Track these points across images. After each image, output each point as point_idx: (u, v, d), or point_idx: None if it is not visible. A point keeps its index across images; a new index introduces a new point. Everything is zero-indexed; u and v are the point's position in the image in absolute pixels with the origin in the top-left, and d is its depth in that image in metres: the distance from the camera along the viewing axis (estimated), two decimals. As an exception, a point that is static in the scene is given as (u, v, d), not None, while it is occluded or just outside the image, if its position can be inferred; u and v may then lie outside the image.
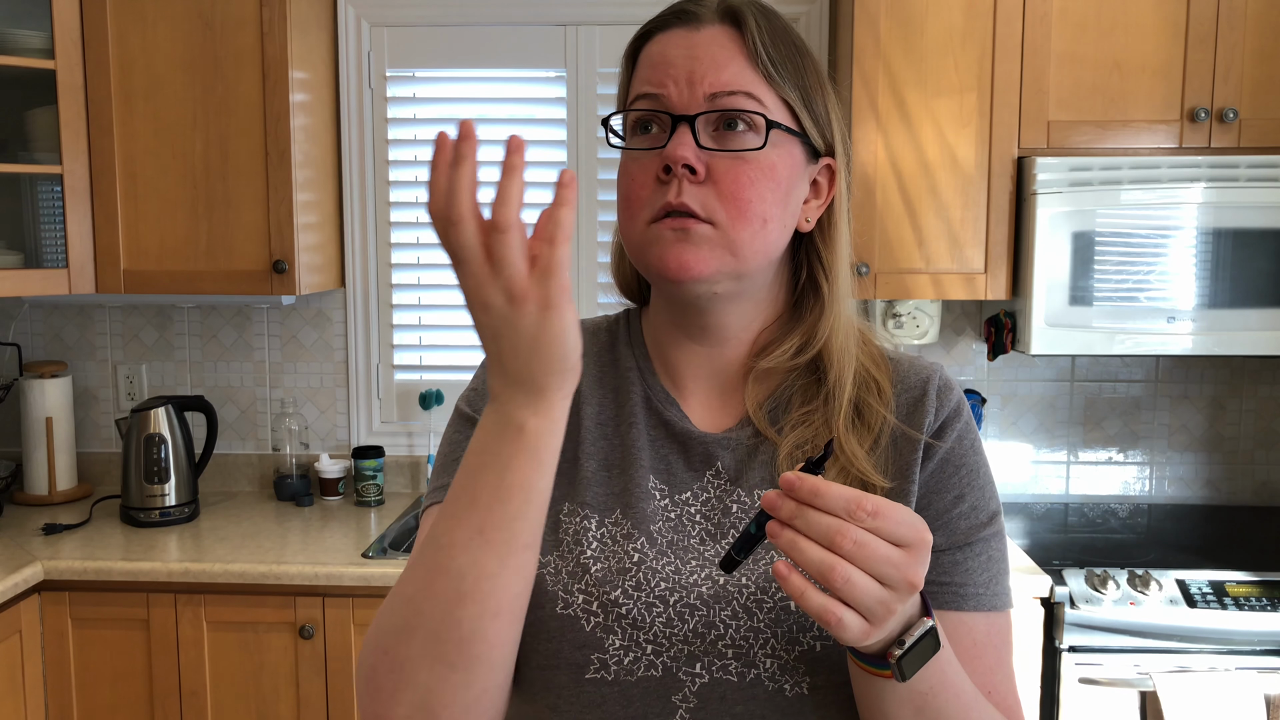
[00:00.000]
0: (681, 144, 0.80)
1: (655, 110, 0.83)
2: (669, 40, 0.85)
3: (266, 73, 2.30)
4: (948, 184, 2.26)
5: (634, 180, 0.83)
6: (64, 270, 2.31)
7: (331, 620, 2.09)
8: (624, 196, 0.84)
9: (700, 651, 0.80)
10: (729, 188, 0.80)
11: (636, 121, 0.85)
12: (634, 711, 0.80)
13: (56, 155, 2.28)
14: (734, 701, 0.79)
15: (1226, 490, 2.65)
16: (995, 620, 0.86)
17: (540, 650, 0.80)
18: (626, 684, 0.80)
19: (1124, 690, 1.98)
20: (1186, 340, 2.18)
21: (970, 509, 0.88)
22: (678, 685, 0.80)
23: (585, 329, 0.95)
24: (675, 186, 0.80)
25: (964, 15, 2.23)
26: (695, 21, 0.84)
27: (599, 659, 0.80)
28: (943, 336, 2.63)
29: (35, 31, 2.26)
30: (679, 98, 0.82)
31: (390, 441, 2.72)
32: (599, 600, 0.80)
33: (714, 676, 0.80)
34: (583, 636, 0.80)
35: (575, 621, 0.80)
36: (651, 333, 0.93)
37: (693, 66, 0.82)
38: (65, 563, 2.10)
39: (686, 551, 0.83)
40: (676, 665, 0.80)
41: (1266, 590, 2.01)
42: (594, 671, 0.80)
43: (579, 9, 2.59)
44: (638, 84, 0.86)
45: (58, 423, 2.56)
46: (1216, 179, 2.15)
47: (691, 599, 0.81)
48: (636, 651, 0.80)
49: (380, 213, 2.67)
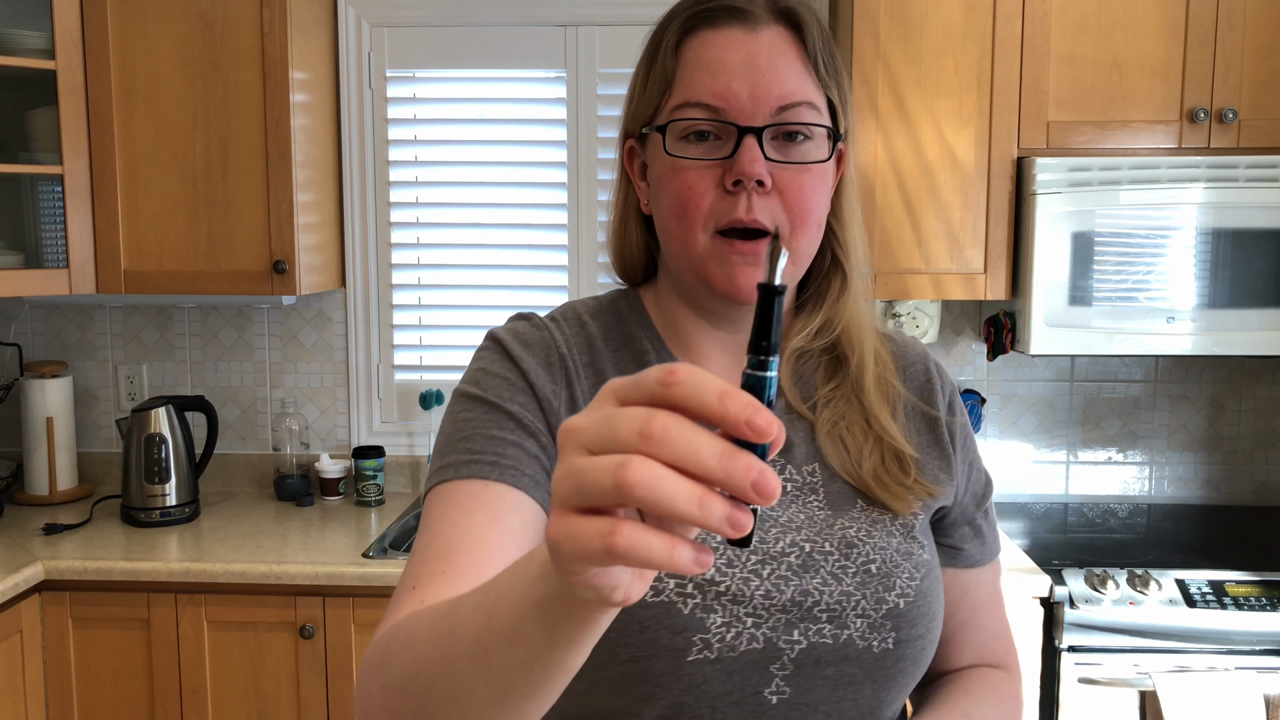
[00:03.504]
0: (755, 159, 0.80)
1: (720, 121, 0.81)
2: (726, 42, 0.82)
3: (267, 73, 2.30)
4: (947, 184, 2.26)
5: (693, 189, 0.82)
6: (64, 270, 2.31)
7: (332, 620, 2.09)
8: (679, 204, 0.82)
9: (797, 619, 0.81)
10: (794, 198, 0.82)
11: (692, 128, 0.82)
12: (733, 684, 0.80)
13: (57, 155, 2.28)
14: (827, 663, 0.82)
15: (1226, 490, 2.65)
16: (998, 565, 1.03)
17: (631, 643, 0.79)
18: (728, 660, 0.80)
19: (1123, 690, 1.98)
20: (1186, 340, 2.18)
21: (980, 474, 0.98)
22: (777, 654, 0.81)
23: (583, 313, 0.94)
24: (745, 202, 0.80)
25: (963, 15, 2.23)
26: (752, 21, 0.82)
27: (701, 639, 0.80)
28: (942, 336, 2.63)
29: (36, 32, 2.26)
30: (744, 108, 0.81)
31: (390, 441, 2.72)
32: (693, 581, 0.80)
33: (810, 641, 0.81)
34: (681, 620, 0.79)
35: (671, 606, 0.79)
36: (661, 314, 0.93)
37: (756, 77, 0.81)
38: (66, 563, 2.10)
39: (764, 521, 0.85)
40: (776, 634, 0.81)
41: (1266, 590, 2.01)
42: (696, 652, 0.80)
43: (579, 9, 2.59)
44: (691, 87, 0.82)
45: (58, 423, 2.56)
46: (1216, 179, 2.15)
47: (783, 569, 0.82)
48: (738, 626, 0.80)
49: (380, 213, 2.67)
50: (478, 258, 2.68)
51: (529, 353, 0.87)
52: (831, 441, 0.88)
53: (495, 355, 0.88)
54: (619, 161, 0.93)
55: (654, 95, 0.85)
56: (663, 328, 0.92)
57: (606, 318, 0.93)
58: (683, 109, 0.82)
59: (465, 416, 0.85)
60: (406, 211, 2.67)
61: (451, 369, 2.71)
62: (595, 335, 0.91)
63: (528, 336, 0.89)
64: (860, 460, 0.88)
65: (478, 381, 0.87)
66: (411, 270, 2.69)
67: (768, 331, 0.47)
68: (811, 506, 0.87)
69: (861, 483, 0.88)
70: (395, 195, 2.67)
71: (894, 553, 0.86)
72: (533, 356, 0.86)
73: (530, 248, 2.68)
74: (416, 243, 2.69)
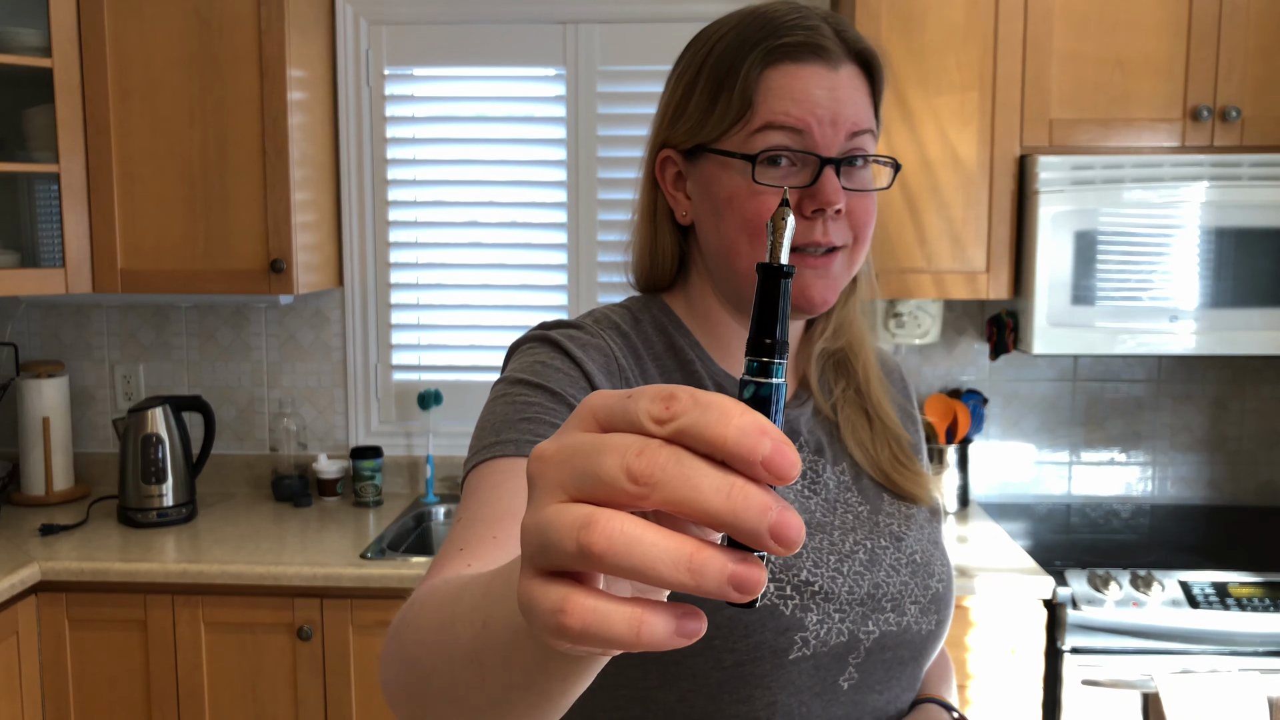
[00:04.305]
0: (836, 189, 0.86)
1: (802, 152, 0.87)
2: (809, 76, 0.87)
3: (264, 71, 2.29)
4: (949, 183, 2.25)
5: (769, 210, 0.87)
6: (61, 270, 2.30)
7: (330, 621, 2.08)
8: (756, 222, 0.87)
9: (871, 610, 0.90)
10: (859, 219, 0.90)
11: (777, 153, 0.88)
12: (819, 676, 0.87)
13: (53, 154, 2.27)
14: (889, 649, 0.91)
15: (1229, 490, 2.64)
16: None
17: (737, 649, 0.82)
18: (821, 655, 0.87)
19: (1126, 692, 1.97)
20: (1189, 340, 2.17)
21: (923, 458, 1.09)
22: (856, 644, 0.89)
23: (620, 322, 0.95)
24: (822, 225, 0.87)
25: (965, 13, 2.22)
26: (833, 60, 0.88)
27: (801, 638, 0.86)
28: (944, 336, 2.62)
29: (32, 30, 2.25)
30: (823, 139, 0.87)
31: (388, 442, 2.71)
32: (790, 584, 0.86)
33: (881, 630, 0.90)
34: (784, 621, 0.85)
35: (774, 610, 0.85)
36: (698, 321, 0.97)
37: (837, 110, 0.87)
38: (62, 563, 2.09)
39: (826, 525, 0.92)
40: (856, 627, 0.89)
41: (1269, 591, 2.00)
42: (797, 651, 0.86)
43: (579, 7, 2.58)
44: (772, 112, 0.87)
45: (54, 423, 2.54)
46: (1219, 178, 2.14)
47: (856, 565, 0.90)
48: (829, 623, 0.87)
49: (378, 212, 2.66)
50: (477, 257, 2.66)
51: (588, 355, 0.88)
52: (854, 440, 0.97)
53: (553, 352, 0.87)
54: (648, 170, 0.96)
55: (726, 118, 0.89)
56: (701, 335, 0.96)
57: (644, 326, 0.96)
58: (765, 132, 0.87)
59: (526, 400, 0.82)
60: (404, 210, 2.66)
61: (450, 369, 2.70)
62: (638, 345, 0.94)
63: (584, 341, 0.89)
64: (878, 455, 0.97)
65: (536, 371, 0.85)
66: (410, 270, 2.68)
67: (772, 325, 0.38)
68: (853, 504, 0.95)
69: (884, 476, 0.97)
70: (393, 194, 2.65)
71: (927, 542, 0.97)
72: (592, 361, 0.88)
73: (529, 247, 2.66)
74: (415, 242, 2.68)
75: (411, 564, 2.10)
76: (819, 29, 0.88)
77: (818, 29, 0.88)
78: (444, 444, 2.68)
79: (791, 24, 0.88)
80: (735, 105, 0.88)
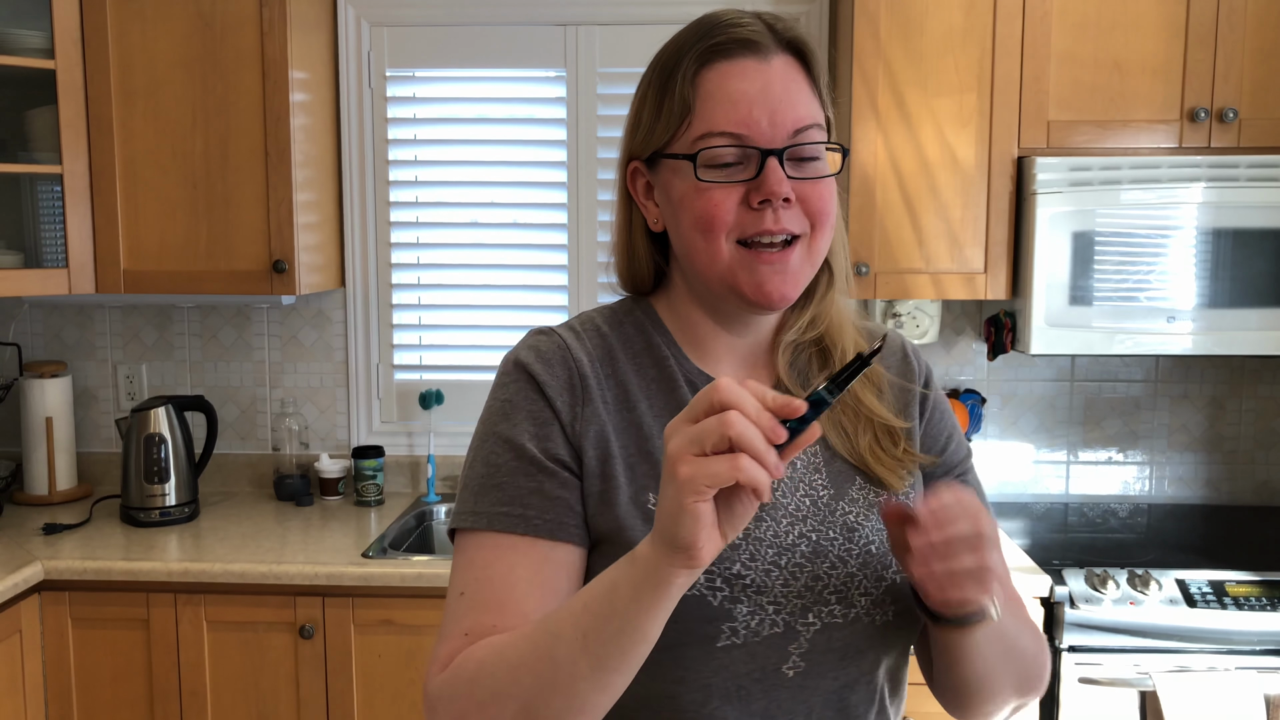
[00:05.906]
0: (780, 179, 0.88)
1: (744, 147, 0.88)
2: (741, 72, 0.89)
3: (266, 72, 2.30)
4: (948, 184, 2.26)
5: (718, 206, 0.89)
6: (64, 270, 2.31)
7: (331, 620, 2.09)
8: (704, 221, 0.90)
9: (811, 602, 0.91)
10: (814, 205, 0.90)
11: (719, 158, 0.89)
12: (755, 664, 0.90)
13: (56, 155, 2.28)
14: (837, 639, 0.92)
15: (1226, 490, 2.65)
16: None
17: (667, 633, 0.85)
18: (753, 644, 0.89)
19: (1124, 690, 1.98)
20: (1186, 340, 2.18)
21: (958, 445, 1.07)
22: (795, 635, 0.91)
23: (601, 324, 1.01)
24: (771, 215, 0.88)
25: (964, 15, 2.23)
26: (763, 52, 0.90)
27: (729, 627, 0.89)
28: (942, 336, 2.63)
29: (35, 31, 2.26)
30: (765, 133, 0.88)
31: (390, 441, 2.72)
32: (721, 576, 0.89)
33: (824, 621, 0.91)
34: (711, 611, 0.88)
35: (702, 600, 0.88)
36: (677, 321, 1.00)
37: (774, 105, 0.88)
38: (65, 563, 2.10)
39: (776, 510, 0.94)
40: (794, 618, 0.90)
41: (1266, 590, 2.00)
42: (725, 639, 0.89)
43: (579, 9, 2.59)
44: (713, 118, 0.89)
45: (58, 423, 2.56)
46: (1216, 179, 2.15)
47: (797, 558, 0.92)
48: (761, 614, 0.89)
49: (380, 212, 2.67)
50: (478, 257, 2.67)
51: (552, 374, 0.94)
52: (831, 425, 0.98)
53: (521, 385, 0.94)
54: (620, 182, 1.00)
55: (670, 124, 0.91)
56: (679, 334, 1.00)
57: (625, 327, 1.01)
58: (707, 138, 0.89)
59: (496, 462, 0.92)
60: (406, 211, 2.67)
61: (451, 369, 2.71)
62: (615, 345, 0.98)
63: (549, 355, 0.95)
64: (856, 439, 0.98)
65: (507, 415, 0.94)
66: (411, 270, 2.69)
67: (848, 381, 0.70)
68: (816, 487, 0.96)
69: (859, 459, 0.97)
70: (395, 195, 2.66)
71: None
72: (556, 380, 0.94)
73: (530, 247, 2.67)
74: (416, 242, 2.69)
75: (413, 563, 2.11)
76: (748, 24, 0.90)
77: (747, 25, 0.90)
78: (445, 443, 2.69)
79: (726, 24, 0.90)
80: (676, 109, 0.91)
